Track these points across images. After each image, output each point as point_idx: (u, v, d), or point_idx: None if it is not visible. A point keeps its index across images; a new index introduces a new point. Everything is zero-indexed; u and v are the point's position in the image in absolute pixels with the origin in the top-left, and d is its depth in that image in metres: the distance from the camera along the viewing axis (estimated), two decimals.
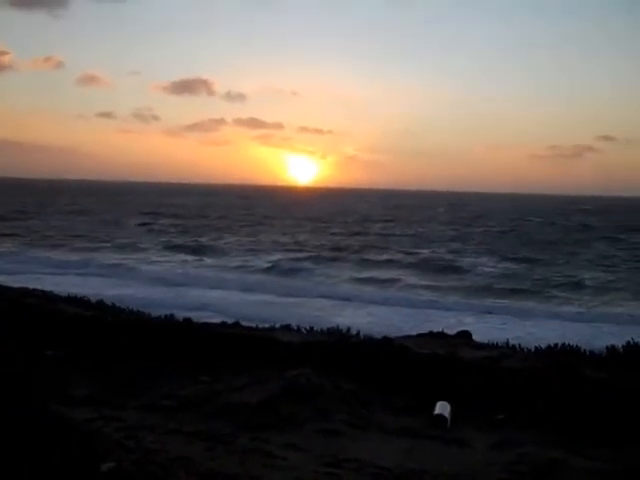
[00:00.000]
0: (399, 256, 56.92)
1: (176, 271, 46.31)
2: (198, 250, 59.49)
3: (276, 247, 63.38)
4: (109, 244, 62.55)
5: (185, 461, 6.51)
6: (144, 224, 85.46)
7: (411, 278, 45.46)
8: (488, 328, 26.44)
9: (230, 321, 15.35)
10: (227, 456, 6.97)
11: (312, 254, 57.44)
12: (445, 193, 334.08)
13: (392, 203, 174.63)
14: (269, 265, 50.48)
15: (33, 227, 75.63)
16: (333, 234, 78.12)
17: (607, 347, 12.10)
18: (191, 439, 7.52)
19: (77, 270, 44.28)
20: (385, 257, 56.04)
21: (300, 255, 56.54)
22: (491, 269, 49.46)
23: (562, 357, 11.77)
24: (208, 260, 53.56)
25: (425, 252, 59.97)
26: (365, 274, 46.62)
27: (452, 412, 9.10)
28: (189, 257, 55.24)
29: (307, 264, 50.86)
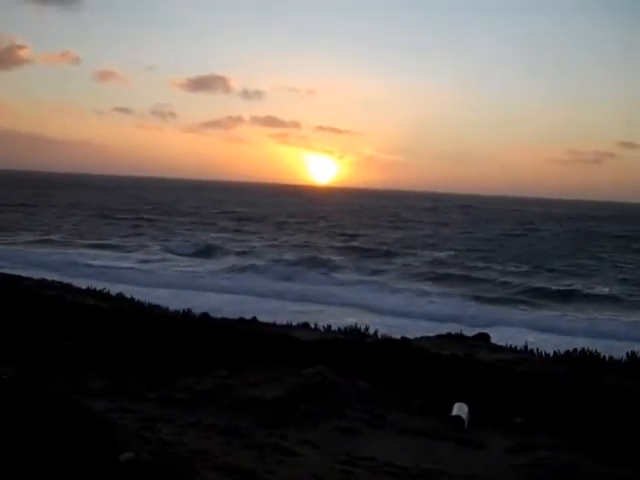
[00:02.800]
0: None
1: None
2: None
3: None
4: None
5: (202, 454, 6.53)
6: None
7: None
8: (507, 331, 26.24)
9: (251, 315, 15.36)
10: (244, 451, 6.98)
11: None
12: (463, 196, 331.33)
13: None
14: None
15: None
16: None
17: (627, 353, 12.03)
18: (209, 433, 7.55)
19: None
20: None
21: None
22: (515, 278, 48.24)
23: (581, 362, 11.72)
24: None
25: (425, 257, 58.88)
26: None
27: (469, 414, 9.08)
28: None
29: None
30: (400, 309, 33.29)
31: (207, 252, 55.93)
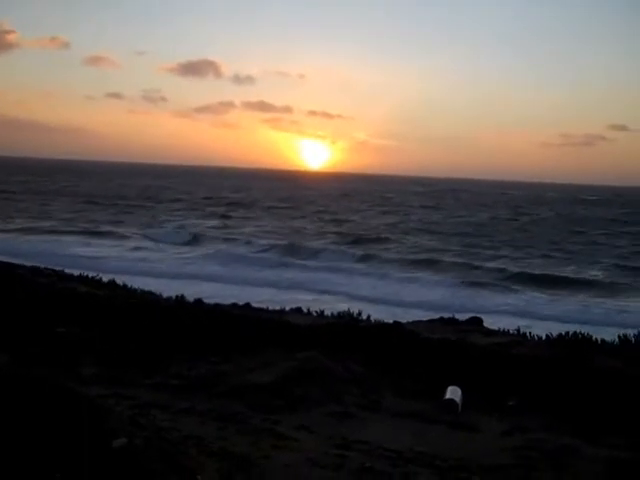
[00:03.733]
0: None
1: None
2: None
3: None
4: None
5: (196, 440, 6.53)
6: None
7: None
8: (498, 316, 26.27)
9: (241, 303, 15.32)
10: (238, 436, 6.99)
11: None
12: (455, 180, 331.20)
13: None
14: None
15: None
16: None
17: (619, 336, 12.09)
18: (203, 418, 7.55)
19: None
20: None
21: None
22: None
23: (573, 345, 11.76)
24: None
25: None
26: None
27: (463, 397, 9.11)
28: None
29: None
30: (390, 296, 33.14)
31: (196, 240, 55.23)
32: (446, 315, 15.97)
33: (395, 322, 12.75)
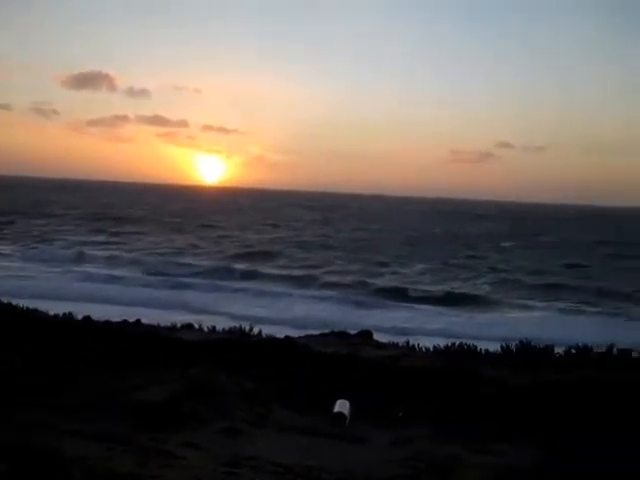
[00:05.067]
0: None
1: None
2: None
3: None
4: None
5: (82, 461, 6.38)
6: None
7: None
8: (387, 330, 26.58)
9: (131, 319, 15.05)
10: (125, 456, 6.87)
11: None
12: (350, 195, 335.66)
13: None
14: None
15: None
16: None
17: (501, 346, 12.52)
18: (89, 439, 7.37)
19: None
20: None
21: None
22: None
23: (460, 356, 12.11)
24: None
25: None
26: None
27: (351, 410, 9.23)
28: None
29: None
30: (274, 314, 32.74)
31: (77, 258, 52.92)
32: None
33: (286, 337, 12.80)
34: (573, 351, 12.38)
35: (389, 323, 31.01)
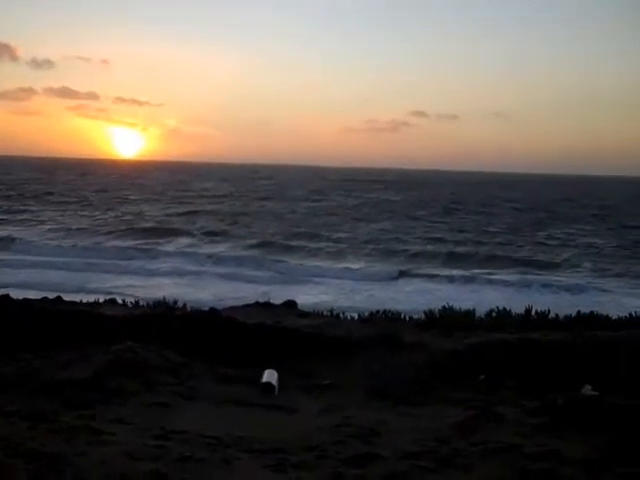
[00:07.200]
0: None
1: None
2: None
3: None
4: None
5: (5, 441, 6.21)
6: None
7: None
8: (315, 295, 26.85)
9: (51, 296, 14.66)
10: (50, 434, 6.71)
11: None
12: (268, 166, 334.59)
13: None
14: None
15: None
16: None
17: (424, 312, 12.73)
18: (12, 418, 7.19)
19: None
20: None
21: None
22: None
23: (384, 323, 12.27)
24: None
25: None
26: None
27: (279, 379, 9.27)
28: None
29: None
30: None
31: None
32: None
33: (211, 309, 12.72)
34: (494, 314, 12.72)
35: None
